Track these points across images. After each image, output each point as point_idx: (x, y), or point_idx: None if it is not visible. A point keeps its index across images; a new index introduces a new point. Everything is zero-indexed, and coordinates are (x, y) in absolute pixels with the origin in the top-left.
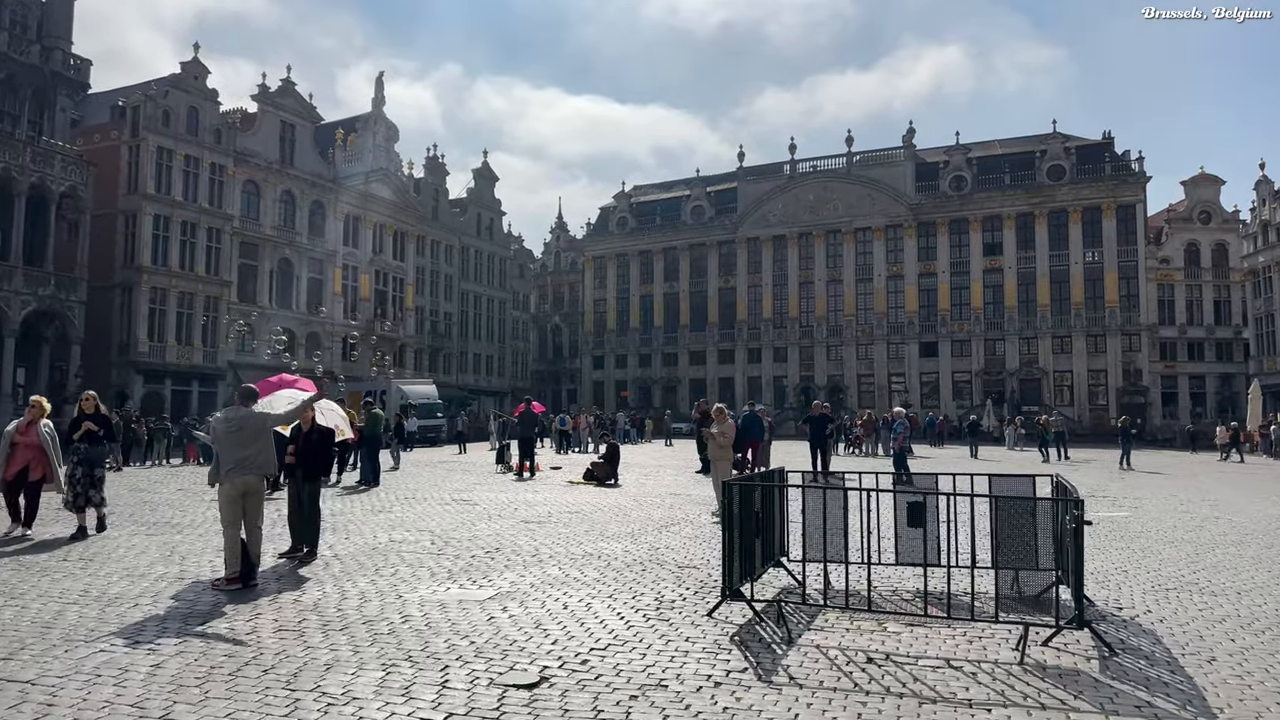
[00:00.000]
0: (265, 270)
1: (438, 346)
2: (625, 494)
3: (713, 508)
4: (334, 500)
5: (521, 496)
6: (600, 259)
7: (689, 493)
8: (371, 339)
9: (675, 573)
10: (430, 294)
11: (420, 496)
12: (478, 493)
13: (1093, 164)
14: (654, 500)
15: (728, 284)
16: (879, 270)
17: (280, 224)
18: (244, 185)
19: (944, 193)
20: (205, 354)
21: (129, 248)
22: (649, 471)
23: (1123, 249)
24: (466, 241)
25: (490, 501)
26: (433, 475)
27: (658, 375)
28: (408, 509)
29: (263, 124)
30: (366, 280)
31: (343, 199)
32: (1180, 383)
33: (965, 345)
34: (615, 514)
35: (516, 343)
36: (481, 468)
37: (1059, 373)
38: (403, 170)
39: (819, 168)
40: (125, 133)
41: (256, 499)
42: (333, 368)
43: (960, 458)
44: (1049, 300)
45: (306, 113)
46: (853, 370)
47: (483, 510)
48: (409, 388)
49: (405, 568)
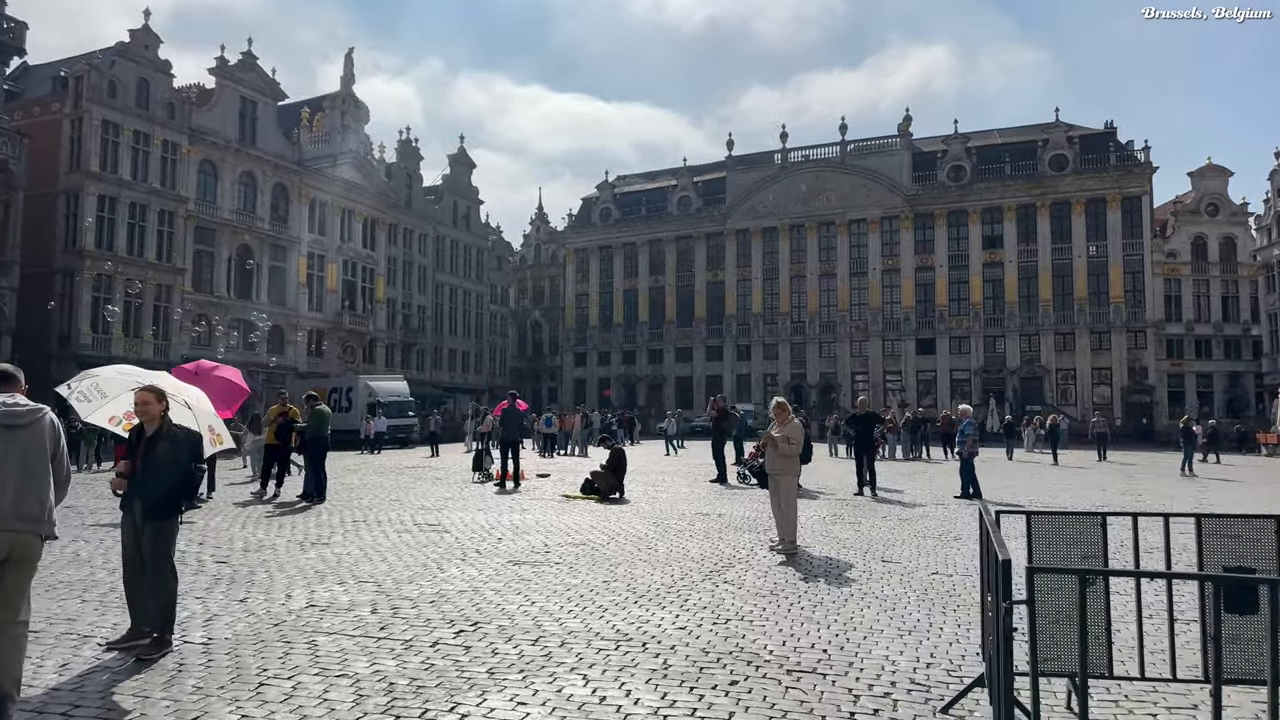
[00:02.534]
0: (223, 258)
1: (410, 341)
2: (638, 514)
3: (771, 538)
4: (259, 524)
5: (506, 518)
6: (582, 252)
7: (718, 511)
8: (339, 333)
9: (788, 685)
10: (403, 286)
11: (374, 519)
12: (449, 512)
13: (1097, 154)
14: (678, 523)
15: (716, 278)
16: (874, 264)
17: (240, 208)
18: (200, 165)
19: (942, 183)
20: (156, 347)
21: (70, 230)
22: (654, 480)
23: (1128, 242)
24: (441, 231)
25: (465, 527)
26: (396, 485)
27: (642, 373)
28: (352, 540)
29: (221, 100)
30: (334, 270)
31: (308, 183)
32: (1187, 381)
33: (964, 342)
34: (636, 548)
35: (495, 338)
36: (455, 475)
37: (1061, 371)
38: (374, 154)
39: (811, 157)
40: (67, 105)
41: (20, 574)
42: (297, 363)
43: (1000, 461)
44: (1051, 295)
45: (269, 89)
46: (846, 368)
47: (454, 542)
48: (378, 384)
49: (315, 680)
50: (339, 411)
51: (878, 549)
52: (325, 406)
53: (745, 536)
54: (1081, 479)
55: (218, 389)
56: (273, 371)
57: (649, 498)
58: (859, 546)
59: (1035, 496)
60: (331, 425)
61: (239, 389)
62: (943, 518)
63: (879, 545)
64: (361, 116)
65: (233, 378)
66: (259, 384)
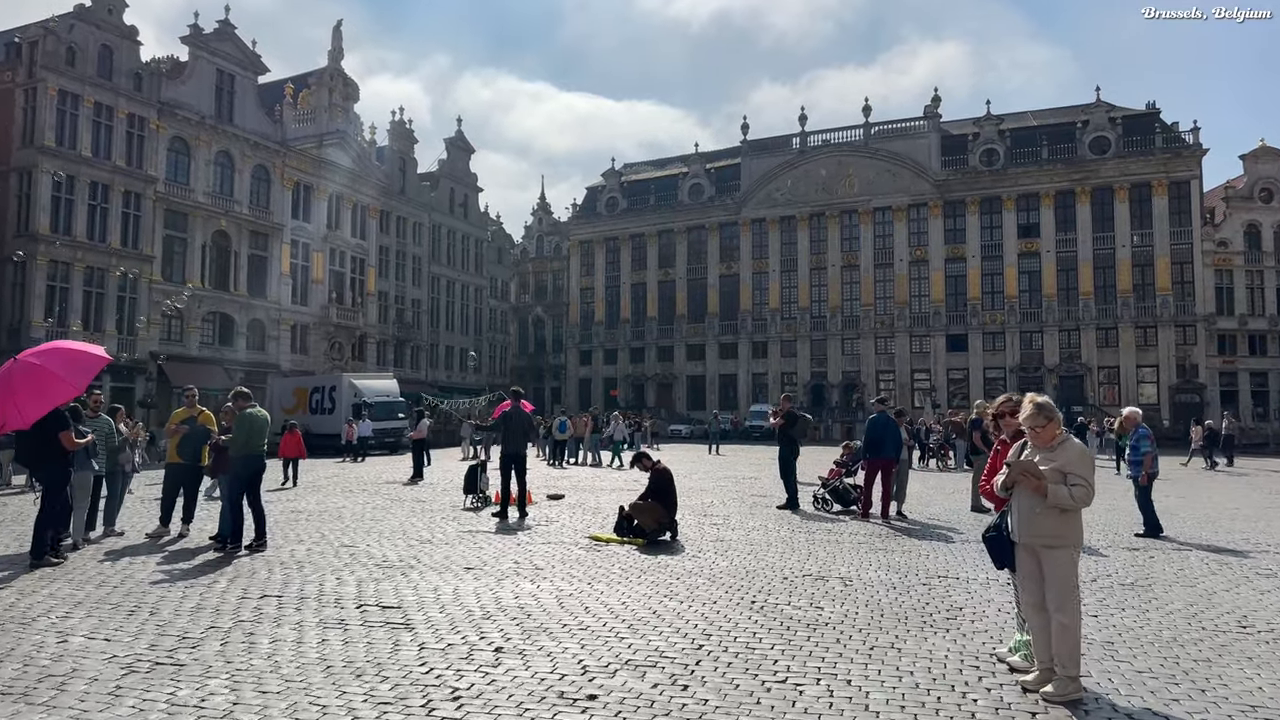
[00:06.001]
0: (196, 244)
1: (404, 337)
2: (714, 577)
3: (999, 652)
4: (98, 603)
5: (510, 590)
6: (587, 244)
7: (836, 571)
8: (326, 328)
9: None
10: (395, 277)
11: (299, 590)
12: (422, 574)
13: (1141, 136)
14: (796, 606)
15: (730, 271)
16: (900, 255)
17: (215, 190)
18: (171, 143)
19: (973, 168)
20: (121, 342)
21: (22, 212)
22: (699, 504)
23: (1175, 230)
24: (437, 219)
25: (443, 611)
26: (362, 513)
27: (651, 371)
28: (238, 648)
29: (195, 72)
30: (320, 259)
31: (292, 164)
32: (1240, 379)
33: (998, 338)
34: (754, 676)
35: (494, 335)
36: (443, 497)
37: (1104, 369)
38: (364, 135)
39: (832, 141)
40: (20, 74)
41: None
42: (280, 361)
43: None
44: (1092, 288)
45: (249, 62)
46: (871, 366)
47: (423, 660)
48: (364, 383)
49: None
50: (320, 413)
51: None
52: (259, 410)
53: (937, 644)
54: (1243, 491)
55: (56, 364)
56: (251, 369)
57: (713, 540)
58: (1170, 665)
59: (1236, 529)
60: (314, 429)
61: (82, 358)
62: (1201, 576)
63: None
64: (351, 94)
65: (76, 349)
66: (236, 384)
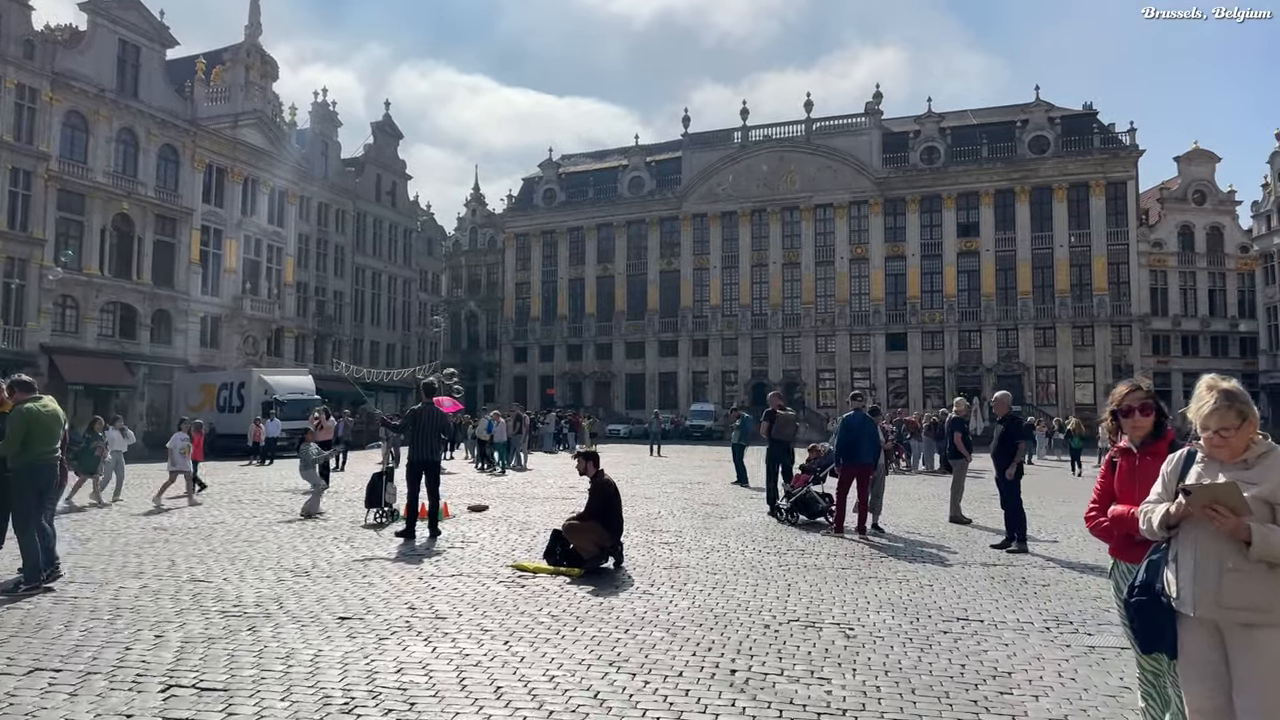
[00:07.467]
0: (94, 228)
1: (325, 332)
2: (672, 629)
3: None
4: None
5: (390, 658)
6: (523, 236)
7: (834, 612)
8: (239, 320)
9: None
10: (316, 268)
11: (89, 668)
12: (280, 627)
13: (1079, 136)
14: (791, 681)
15: (670, 266)
16: (841, 252)
17: (117, 170)
18: (66, 117)
19: (914, 165)
20: (8, 333)
21: None
22: (647, 516)
23: (1112, 231)
24: (363, 207)
25: (287, 704)
26: (230, 539)
27: (589, 369)
28: None
29: (95, 41)
30: (233, 247)
31: (203, 145)
32: (1173, 380)
33: (937, 337)
34: None
35: (424, 330)
36: (345, 510)
37: (1042, 368)
38: (283, 116)
39: (774, 136)
40: None
41: None
42: (188, 355)
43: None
44: (1031, 287)
45: (156, 34)
46: (811, 365)
47: None
48: (276, 379)
49: None
50: (230, 411)
51: None
52: (46, 405)
53: None
54: None
55: None
56: (156, 364)
57: (666, 566)
58: None
59: None
60: (222, 428)
61: None
62: None
63: None
64: (270, 73)
65: None
66: (139, 380)
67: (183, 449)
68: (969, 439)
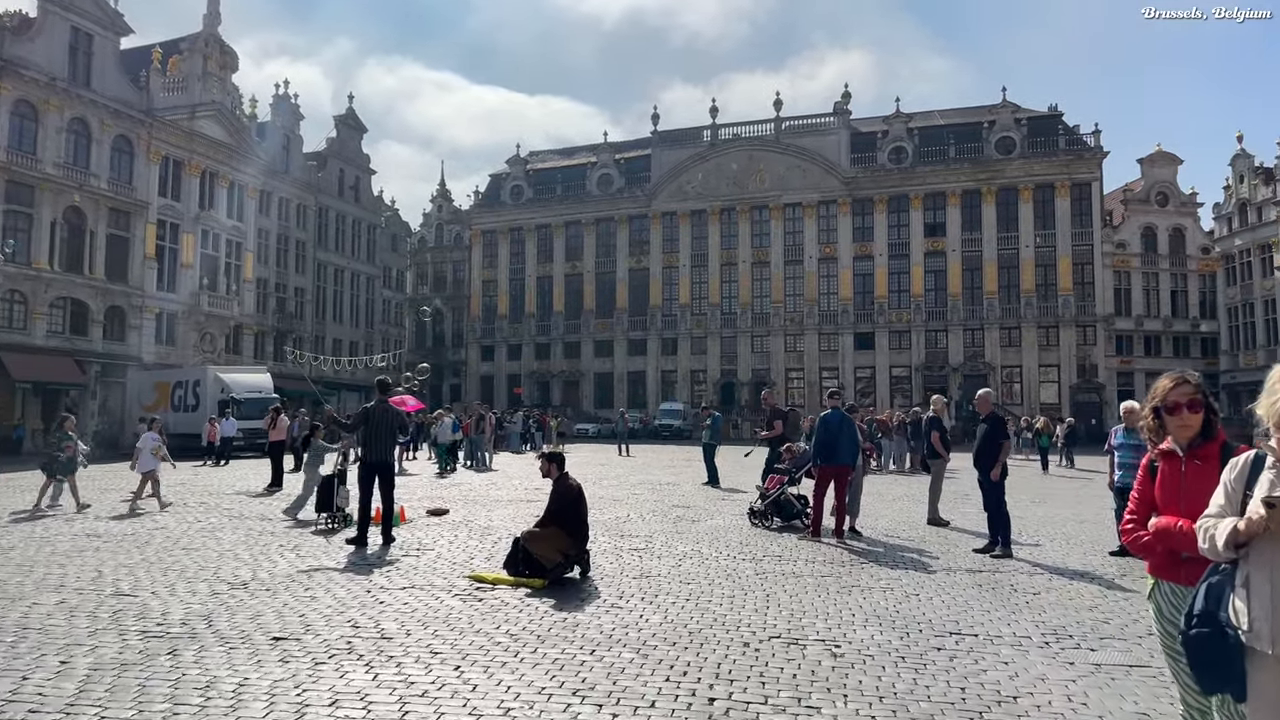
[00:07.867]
0: (44, 221)
1: (285, 329)
2: (644, 636)
3: None
4: None
5: (325, 687)
6: (490, 233)
7: (818, 626)
8: (196, 317)
9: None
10: (276, 264)
11: None
12: (205, 650)
13: (1045, 137)
14: (792, 698)
15: (639, 264)
16: (810, 251)
17: (67, 161)
18: (15, 106)
19: (882, 165)
20: None
21: None
22: (614, 519)
23: (1077, 232)
24: (325, 202)
25: None
26: (168, 545)
27: (557, 368)
28: None
29: (46, 28)
30: (190, 242)
31: (159, 136)
32: (1136, 380)
33: (904, 336)
34: None
35: (387, 328)
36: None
37: (1007, 368)
38: (243, 108)
39: (743, 135)
40: None
41: None
42: (142, 353)
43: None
44: (996, 287)
45: (110, 21)
46: (780, 364)
47: None
48: (232, 377)
49: None
50: (184, 410)
51: None
52: None
53: None
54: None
55: None
56: (109, 362)
57: (636, 575)
58: None
59: None
60: (176, 427)
61: None
62: None
63: None
64: (229, 64)
65: None
66: (92, 378)
67: (153, 449)
68: (947, 439)
